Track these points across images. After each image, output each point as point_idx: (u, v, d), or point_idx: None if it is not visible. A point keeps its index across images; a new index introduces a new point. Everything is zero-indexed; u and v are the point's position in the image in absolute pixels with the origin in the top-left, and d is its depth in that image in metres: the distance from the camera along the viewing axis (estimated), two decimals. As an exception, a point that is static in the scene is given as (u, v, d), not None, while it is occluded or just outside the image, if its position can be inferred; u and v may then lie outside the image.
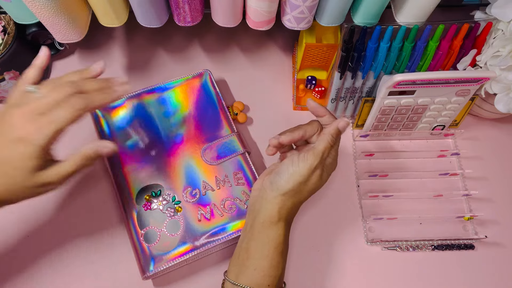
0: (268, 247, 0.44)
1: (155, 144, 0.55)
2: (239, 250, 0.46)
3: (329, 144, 0.45)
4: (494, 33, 0.51)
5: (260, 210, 0.45)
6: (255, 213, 0.45)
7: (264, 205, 0.45)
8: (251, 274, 0.43)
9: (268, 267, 0.43)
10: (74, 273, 0.53)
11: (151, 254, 0.50)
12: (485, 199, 0.59)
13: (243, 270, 0.44)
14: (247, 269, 0.44)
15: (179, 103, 0.58)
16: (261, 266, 0.43)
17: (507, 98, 0.52)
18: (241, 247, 0.45)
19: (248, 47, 0.69)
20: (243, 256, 0.45)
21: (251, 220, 0.46)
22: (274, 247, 0.44)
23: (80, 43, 0.67)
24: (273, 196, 0.44)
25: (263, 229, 0.44)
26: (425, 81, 0.50)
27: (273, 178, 0.45)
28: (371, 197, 0.58)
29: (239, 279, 0.44)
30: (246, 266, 0.44)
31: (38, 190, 0.39)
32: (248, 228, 0.46)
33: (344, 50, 0.52)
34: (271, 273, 0.44)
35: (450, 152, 0.61)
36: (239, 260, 0.45)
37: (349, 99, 0.60)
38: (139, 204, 0.52)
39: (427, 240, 0.56)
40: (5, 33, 0.57)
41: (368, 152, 0.61)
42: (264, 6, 0.49)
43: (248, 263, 0.44)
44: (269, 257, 0.44)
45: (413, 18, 0.51)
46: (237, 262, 0.45)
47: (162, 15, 0.52)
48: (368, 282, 0.54)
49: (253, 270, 0.43)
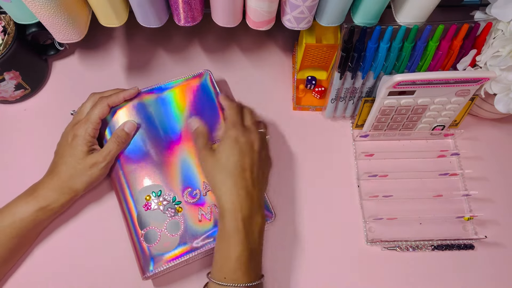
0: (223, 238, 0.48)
1: (156, 144, 0.55)
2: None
3: (115, 142, 0.53)
4: (494, 33, 0.51)
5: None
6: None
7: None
8: (219, 269, 0.47)
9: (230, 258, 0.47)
10: (74, 273, 0.53)
11: (151, 254, 0.50)
12: (485, 199, 0.59)
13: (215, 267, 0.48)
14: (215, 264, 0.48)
15: (179, 103, 0.58)
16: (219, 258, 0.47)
17: (507, 98, 0.52)
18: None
19: (248, 47, 0.69)
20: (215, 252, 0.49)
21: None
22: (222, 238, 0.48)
23: (80, 43, 0.67)
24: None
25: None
26: (425, 81, 0.50)
27: None
28: (371, 197, 0.58)
29: (214, 275, 0.47)
30: (216, 261, 0.48)
31: (91, 171, 0.51)
32: None
33: (344, 50, 0.52)
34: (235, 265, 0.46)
35: (450, 152, 0.61)
36: (215, 256, 0.49)
37: (349, 99, 0.60)
38: (139, 204, 0.52)
39: (427, 240, 0.56)
40: (5, 33, 0.57)
41: (368, 152, 0.61)
42: (264, 6, 0.49)
43: (216, 256, 0.48)
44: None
45: (413, 18, 0.51)
46: (215, 259, 0.48)
47: (162, 15, 0.52)
48: (368, 282, 0.54)
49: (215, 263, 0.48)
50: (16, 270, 0.53)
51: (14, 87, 0.60)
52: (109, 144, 0.53)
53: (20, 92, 0.62)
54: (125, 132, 0.54)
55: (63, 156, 0.52)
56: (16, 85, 0.60)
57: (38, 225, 0.51)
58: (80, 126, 0.52)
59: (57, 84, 0.65)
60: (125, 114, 0.56)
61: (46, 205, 0.50)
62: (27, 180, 0.52)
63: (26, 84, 0.61)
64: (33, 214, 0.50)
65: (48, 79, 0.65)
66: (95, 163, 0.51)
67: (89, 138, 0.52)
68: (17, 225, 0.49)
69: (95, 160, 0.51)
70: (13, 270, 0.53)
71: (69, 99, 0.63)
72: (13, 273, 0.53)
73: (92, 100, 0.55)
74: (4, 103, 0.63)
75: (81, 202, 0.56)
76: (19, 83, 0.60)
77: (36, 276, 0.53)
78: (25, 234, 0.50)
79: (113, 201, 0.56)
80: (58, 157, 0.52)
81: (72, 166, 0.51)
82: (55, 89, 0.65)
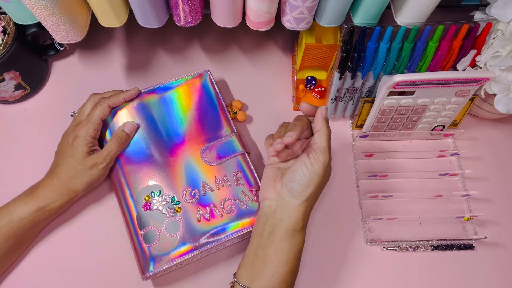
0: (289, 254, 0.45)
1: (157, 144, 0.55)
2: (254, 257, 0.45)
3: (328, 136, 0.46)
4: (494, 34, 0.51)
5: (283, 219, 0.45)
6: (276, 221, 0.46)
7: (287, 213, 0.45)
8: (268, 280, 0.44)
9: (286, 273, 0.44)
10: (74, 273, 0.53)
11: (151, 254, 0.50)
12: (485, 200, 0.59)
13: (258, 277, 0.44)
14: (264, 275, 0.44)
15: (180, 104, 0.58)
16: (280, 272, 0.44)
17: (507, 99, 0.52)
18: (256, 254, 0.45)
19: (248, 47, 0.69)
20: (259, 263, 0.45)
21: (271, 228, 0.46)
22: (294, 253, 0.45)
23: (80, 44, 0.67)
24: (296, 204, 0.45)
25: (286, 237, 0.45)
26: (424, 82, 0.50)
27: (290, 187, 0.45)
28: (370, 197, 0.58)
29: (253, 284, 0.44)
30: (263, 272, 0.44)
31: (91, 172, 0.51)
32: (266, 235, 0.46)
33: (343, 50, 0.52)
34: (288, 279, 0.45)
35: (450, 152, 0.61)
36: (254, 266, 0.45)
37: (348, 100, 0.60)
38: (139, 205, 0.52)
39: (427, 240, 0.56)
40: (5, 34, 0.57)
41: (368, 152, 0.61)
42: (264, 7, 0.49)
43: (266, 270, 0.44)
44: (289, 264, 0.45)
45: (413, 19, 0.51)
46: (251, 267, 0.45)
47: (162, 16, 0.52)
48: (368, 282, 0.54)
49: (271, 276, 0.44)
50: (16, 270, 0.53)
51: (14, 87, 0.60)
52: (109, 145, 0.53)
53: (20, 92, 0.62)
54: (125, 132, 0.54)
55: (63, 156, 0.52)
56: (16, 85, 0.60)
57: (36, 226, 0.51)
58: (81, 127, 0.52)
59: (57, 84, 0.65)
60: (126, 115, 0.56)
61: (45, 206, 0.50)
62: (26, 180, 0.53)
63: (26, 84, 0.61)
64: (31, 214, 0.50)
65: (48, 79, 0.65)
66: (95, 163, 0.51)
67: (90, 139, 0.52)
68: (14, 224, 0.49)
69: (95, 160, 0.51)
70: (12, 270, 0.53)
71: (69, 99, 0.63)
72: (12, 273, 0.53)
73: (92, 101, 0.55)
74: (4, 103, 0.63)
75: (81, 203, 0.56)
76: (19, 83, 0.60)
77: (36, 276, 0.53)
78: (23, 234, 0.50)
79: (113, 202, 0.56)
80: (59, 157, 0.53)
81: (72, 167, 0.51)
82: (55, 89, 0.65)
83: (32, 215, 0.50)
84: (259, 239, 0.46)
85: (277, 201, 0.46)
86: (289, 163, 0.49)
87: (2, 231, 0.49)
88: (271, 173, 0.49)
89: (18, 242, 0.51)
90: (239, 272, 0.46)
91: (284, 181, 0.46)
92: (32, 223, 0.50)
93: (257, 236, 0.46)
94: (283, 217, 0.45)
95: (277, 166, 0.49)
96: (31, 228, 0.51)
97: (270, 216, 0.46)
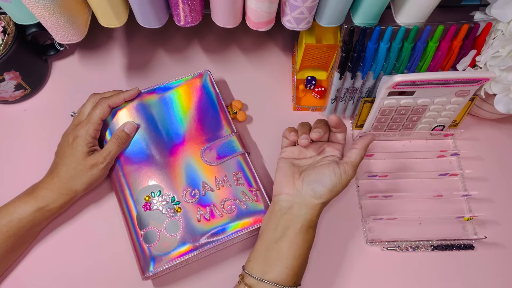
0: (302, 248, 0.47)
1: (157, 144, 0.55)
2: (266, 250, 0.47)
3: (362, 158, 0.50)
4: (494, 34, 0.51)
5: (299, 215, 0.48)
6: (292, 216, 0.48)
7: (304, 210, 0.48)
8: (281, 272, 0.46)
9: (297, 266, 0.47)
10: (74, 273, 0.53)
11: (151, 254, 0.50)
12: (485, 200, 0.59)
13: (271, 269, 0.46)
14: (277, 267, 0.46)
15: (180, 104, 0.58)
16: (292, 265, 0.46)
17: (507, 99, 0.52)
18: (268, 247, 0.47)
19: (248, 47, 0.69)
20: (272, 256, 0.47)
21: (285, 223, 0.48)
22: (306, 248, 0.48)
23: (80, 44, 0.67)
24: (315, 203, 0.48)
25: (300, 232, 0.47)
26: (424, 82, 0.50)
27: (314, 187, 0.48)
28: (370, 197, 0.58)
29: (265, 276, 0.46)
30: (276, 265, 0.46)
31: (91, 172, 0.51)
32: (280, 229, 0.48)
33: (343, 50, 0.52)
34: (298, 272, 0.47)
35: (450, 152, 0.61)
36: (266, 259, 0.47)
37: (348, 100, 0.60)
38: (139, 205, 0.52)
39: (427, 241, 0.56)
40: (5, 34, 0.57)
41: (368, 152, 0.61)
42: (264, 7, 0.49)
43: (279, 262, 0.46)
44: (301, 257, 0.47)
45: (413, 19, 0.51)
46: (263, 260, 0.47)
47: (162, 16, 0.52)
48: (368, 282, 0.54)
49: (284, 268, 0.46)
50: (16, 270, 0.53)
51: (14, 87, 0.60)
52: (109, 145, 0.53)
53: (20, 92, 0.62)
54: (125, 133, 0.54)
55: (63, 156, 0.52)
56: (16, 85, 0.60)
57: (36, 226, 0.51)
58: (81, 127, 0.52)
59: (57, 84, 0.65)
60: (126, 115, 0.56)
61: (45, 206, 0.50)
62: (26, 180, 0.52)
63: (26, 84, 0.61)
64: (31, 214, 0.50)
65: (48, 79, 0.65)
66: (95, 164, 0.51)
67: (90, 139, 0.52)
68: (14, 224, 0.49)
69: (95, 161, 0.51)
70: (12, 270, 0.53)
71: (69, 100, 0.63)
72: (12, 273, 0.53)
73: (92, 101, 0.55)
74: (4, 103, 0.63)
75: (81, 203, 0.56)
76: (19, 83, 0.60)
77: (36, 276, 0.53)
78: (22, 234, 0.50)
79: (113, 202, 0.56)
80: (59, 157, 0.53)
81: (73, 167, 0.51)
82: (55, 89, 0.65)
83: (32, 215, 0.50)
84: (272, 233, 0.48)
85: (295, 197, 0.49)
86: (303, 161, 0.52)
87: (2, 231, 0.49)
88: (287, 168, 0.51)
89: (18, 242, 0.51)
90: (250, 265, 0.47)
91: (307, 180, 0.49)
92: (32, 223, 0.50)
93: (271, 230, 0.48)
94: (300, 213, 0.48)
95: (292, 161, 0.52)
96: (31, 228, 0.51)
97: (286, 211, 0.49)
